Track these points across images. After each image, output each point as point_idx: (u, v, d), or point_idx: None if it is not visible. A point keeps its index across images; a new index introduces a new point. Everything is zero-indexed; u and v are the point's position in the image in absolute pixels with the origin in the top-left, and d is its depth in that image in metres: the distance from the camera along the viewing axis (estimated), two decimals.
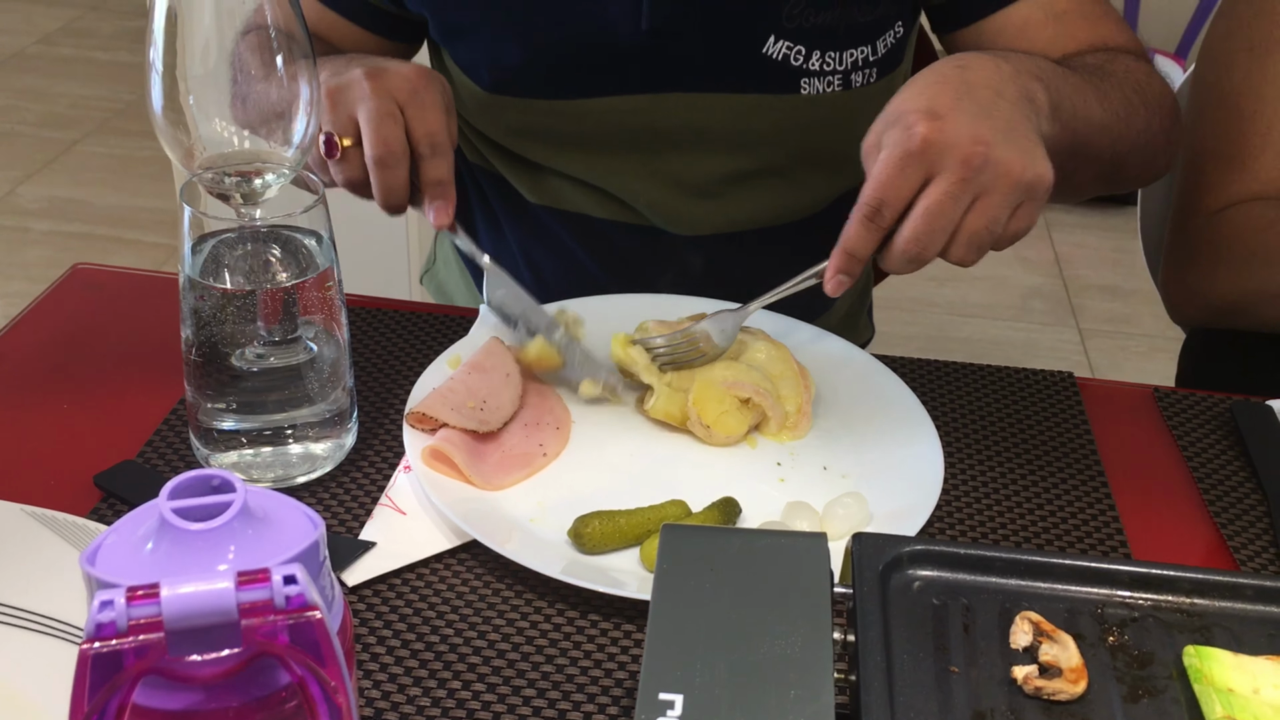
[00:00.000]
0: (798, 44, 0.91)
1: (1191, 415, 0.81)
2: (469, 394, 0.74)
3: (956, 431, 0.78)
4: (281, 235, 0.69)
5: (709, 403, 0.75)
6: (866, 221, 0.68)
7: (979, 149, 0.66)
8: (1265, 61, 0.98)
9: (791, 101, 0.93)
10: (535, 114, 0.96)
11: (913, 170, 0.66)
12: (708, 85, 0.93)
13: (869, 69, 0.93)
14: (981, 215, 0.67)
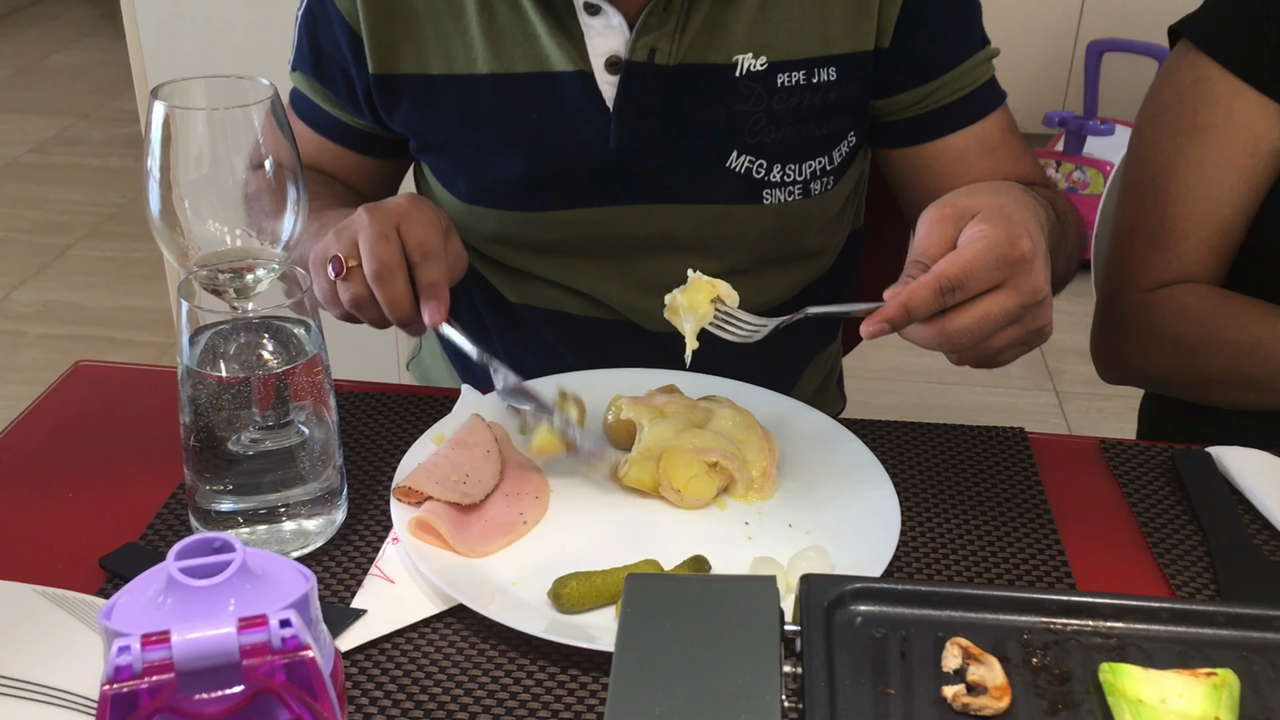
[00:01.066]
0: (759, 158, 0.97)
1: (1136, 465, 0.86)
2: (452, 468, 0.79)
3: (915, 487, 0.83)
4: (272, 325, 0.74)
5: (679, 468, 0.80)
6: (940, 294, 0.71)
7: (1043, 287, 0.73)
8: (1187, 148, 1.04)
9: (754, 210, 0.99)
10: (511, 224, 1.02)
11: (999, 273, 0.71)
12: (675, 197, 0.99)
13: (827, 177, 1.00)
14: (1008, 339, 0.74)
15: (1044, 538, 0.78)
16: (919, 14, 0.96)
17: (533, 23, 0.95)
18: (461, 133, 0.99)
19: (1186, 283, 1.05)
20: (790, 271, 1.07)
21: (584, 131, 0.96)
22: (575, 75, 0.95)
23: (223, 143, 0.71)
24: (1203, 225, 1.04)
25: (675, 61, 0.94)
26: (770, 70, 0.95)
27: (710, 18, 0.94)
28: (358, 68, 0.99)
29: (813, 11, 0.94)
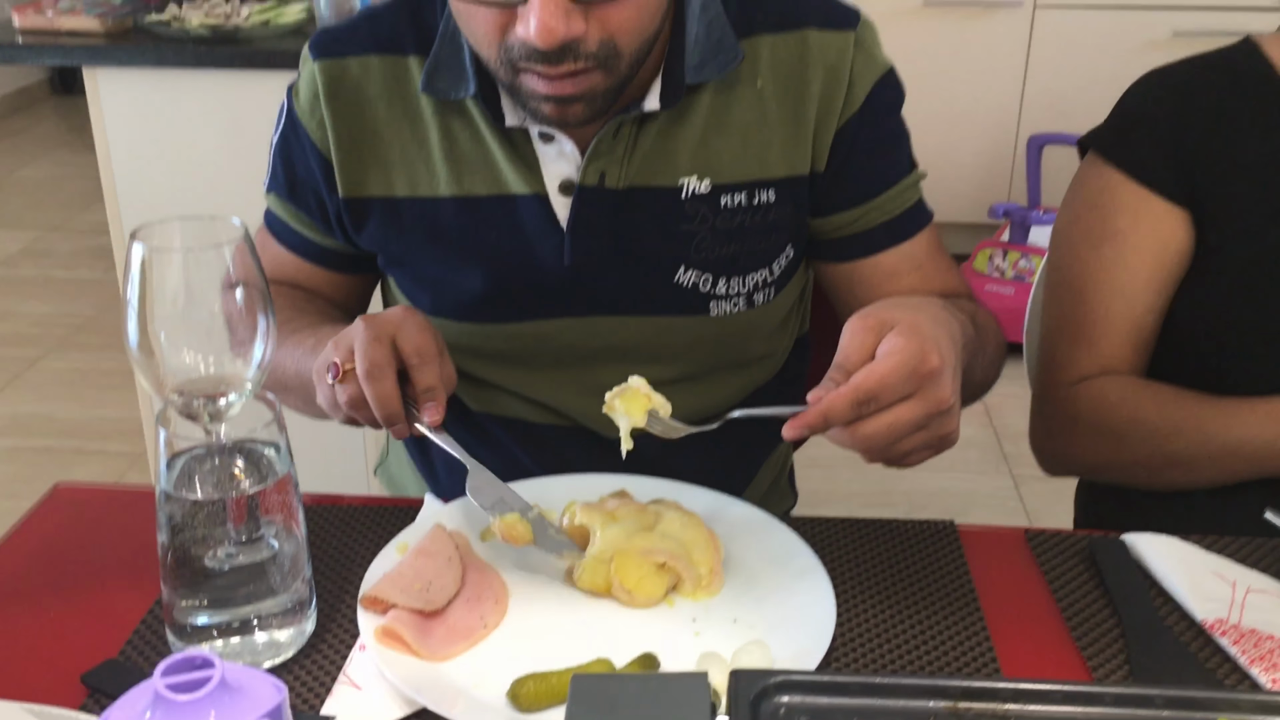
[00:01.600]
0: (705, 272, 1.04)
1: (1058, 552, 0.92)
2: (416, 577, 0.84)
3: (852, 579, 0.88)
4: (244, 448, 0.79)
5: (629, 570, 0.85)
6: (856, 404, 0.78)
7: (949, 399, 0.80)
8: (1100, 251, 1.12)
9: (702, 321, 1.06)
10: (472, 336, 1.08)
11: (910, 385, 0.78)
12: (627, 310, 1.06)
13: (769, 288, 1.07)
14: (916, 443, 0.81)
15: (972, 624, 0.83)
16: (851, 142, 1.04)
17: (492, 149, 1.02)
18: (425, 250, 1.06)
19: (1107, 375, 1.12)
20: (739, 376, 1.14)
21: (540, 249, 1.03)
22: (531, 198, 1.02)
23: (197, 280, 0.77)
24: (1120, 322, 1.12)
25: (624, 185, 1.02)
26: (714, 192, 1.02)
27: (657, 144, 1.01)
28: (329, 190, 1.07)
29: (752, 138, 1.02)
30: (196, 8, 2.10)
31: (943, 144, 3.57)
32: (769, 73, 1.02)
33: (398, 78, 1.04)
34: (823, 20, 1.04)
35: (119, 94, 2.04)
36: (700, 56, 1.00)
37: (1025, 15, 3.42)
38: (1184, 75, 1.13)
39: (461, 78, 1.01)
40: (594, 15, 0.88)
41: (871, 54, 1.06)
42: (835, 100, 1.03)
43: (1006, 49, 3.47)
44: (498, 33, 0.90)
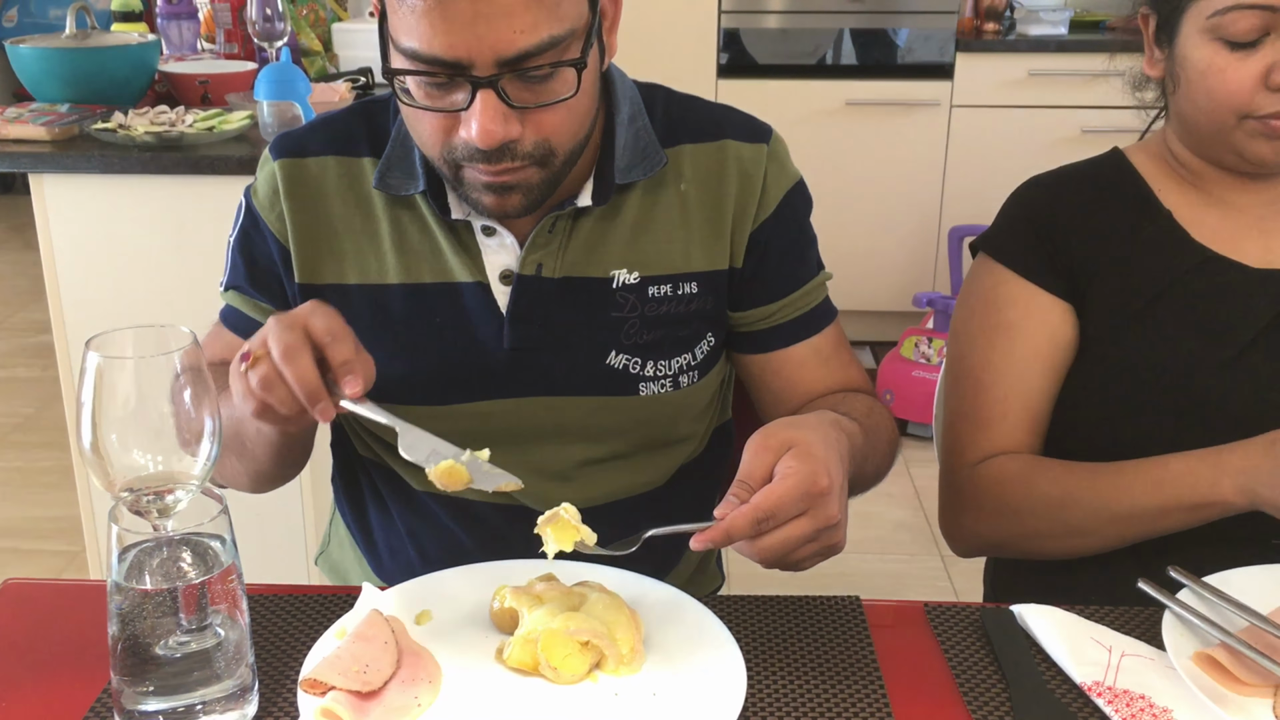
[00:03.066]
0: (634, 356, 1.14)
1: (953, 624, 0.99)
2: (353, 660, 0.89)
3: (763, 654, 0.94)
4: (191, 540, 0.85)
5: (555, 648, 0.91)
6: (755, 523, 0.88)
7: (837, 517, 0.90)
8: (994, 341, 1.22)
9: (632, 402, 1.15)
10: (415, 417, 1.13)
11: (803, 504, 0.88)
12: (562, 390, 1.14)
13: (693, 372, 1.17)
14: (807, 553, 0.91)
15: (872, 693, 0.90)
16: (765, 244, 1.16)
17: (438, 240, 1.12)
18: (373, 334, 1.10)
19: (1005, 455, 1.21)
20: (665, 455, 1.22)
21: (481, 334, 1.12)
22: (474, 285, 1.12)
23: (148, 384, 0.83)
24: (1015, 406, 1.21)
25: (560, 275, 1.11)
26: (642, 283, 1.13)
27: (590, 238, 1.12)
28: (287, 277, 1.15)
29: (676, 235, 1.13)
30: (142, 116, 2.16)
31: (869, 236, 3.72)
32: (691, 177, 1.14)
33: (352, 176, 1.14)
34: (740, 133, 1.16)
35: (64, 199, 2.09)
36: (629, 160, 1.11)
37: (943, 114, 3.60)
38: (1060, 181, 1.25)
39: (411, 176, 1.11)
40: (529, 119, 0.98)
41: (783, 165, 1.18)
42: (750, 204, 1.15)
43: (926, 146, 3.64)
44: (442, 135, 1.00)
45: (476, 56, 0.94)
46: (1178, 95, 1.16)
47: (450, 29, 0.93)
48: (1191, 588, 0.97)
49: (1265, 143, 1.11)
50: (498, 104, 0.95)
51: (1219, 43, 1.10)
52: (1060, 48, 3.56)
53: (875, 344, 3.82)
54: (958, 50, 3.54)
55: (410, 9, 0.94)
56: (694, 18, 3.58)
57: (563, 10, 0.95)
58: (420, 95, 0.99)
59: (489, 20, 0.92)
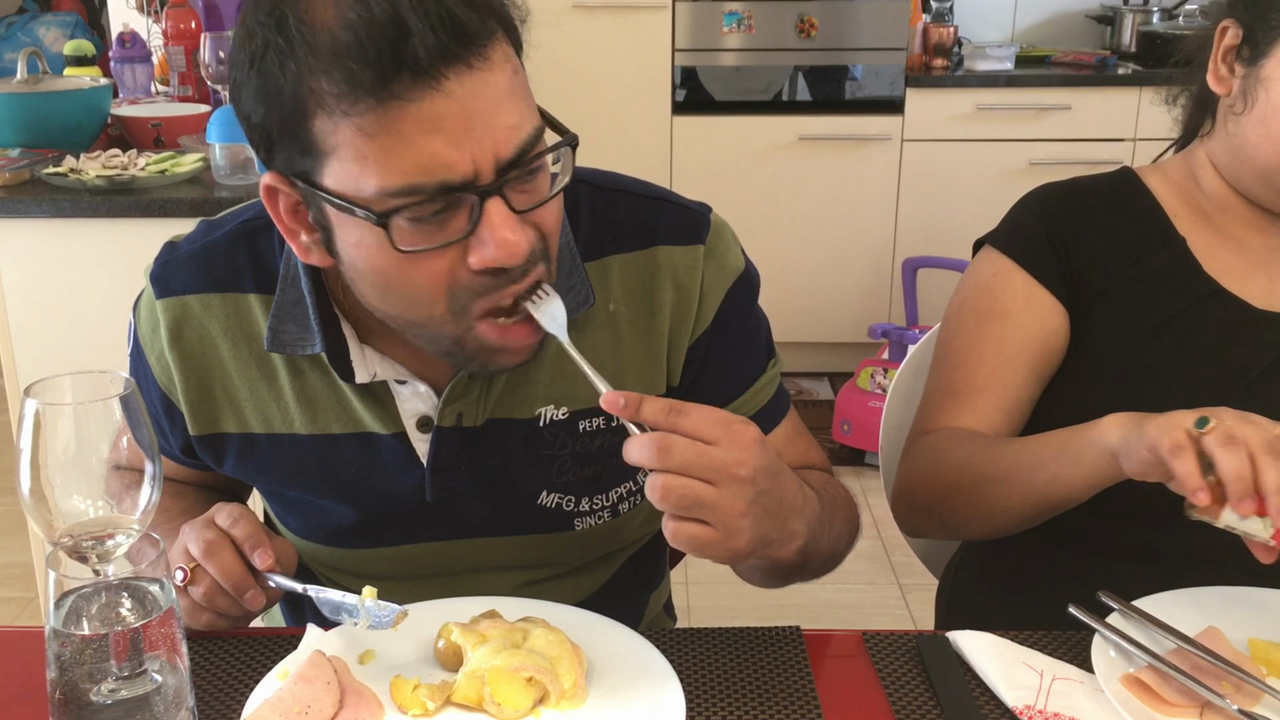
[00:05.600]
0: (568, 494, 1.08)
1: (890, 651, 1.00)
2: (295, 700, 0.89)
3: (704, 685, 0.96)
4: (130, 585, 0.85)
5: (500, 684, 0.92)
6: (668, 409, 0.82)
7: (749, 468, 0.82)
8: (988, 326, 1.21)
9: (568, 536, 1.10)
10: (343, 558, 1.13)
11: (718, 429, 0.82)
12: (492, 533, 1.09)
13: (634, 497, 1.11)
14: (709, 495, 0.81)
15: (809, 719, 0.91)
16: (705, 356, 1.06)
17: (345, 394, 1.03)
18: (288, 481, 1.09)
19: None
20: (611, 563, 1.19)
21: (401, 485, 1.06)
22: (390, 437, 1.04)
23: (86, 430, 0.84)
24: (994, 389, 1.20)
25: (482, 421, 1.04)
26: (572, 418, 1.05)
27: (512, 380, 1.03)
28: (173, 429, 1.08)
29: (607, 362, 1.03)
30: (94, 160, 2.17)
31: (824, 269, 3.76)
32: (620, 294, 1.03)
33: (240, 316, 1.03)
34: (672, 236, 1.04)
35: (15, 243, 2.09)
36: None
37: (894, 148, 3.66)
38: (1077, 192, 1.25)
39: (307, 332, 1.00)
40: (526, 224, 0.87)
41: (723, 262, 1.06)
42: (687, 317, 1.04)
43: (879, 180, 3.69)
44: (445, 279, 0.87)
45: (481, 165, 0.83)
46: (1246, 119, 1.14)
47: (450, 141, 0.81)
48: (1121, 611, 0.99)
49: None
50: (508, 212, 0.85)
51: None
52: (1007, 82, 3.63)
53: (832, 375, 3.86)
54: (907, 85, 3.60)
55: (392, 138, 0.81)
56: (649, 56, 3.62)
57: (530, 101, 0.88)
58: (414, 240, 0.84)
59: (484, 121, 0.82)
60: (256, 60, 0.84)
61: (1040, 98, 3.57)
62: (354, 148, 0.82)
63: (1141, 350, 1.18)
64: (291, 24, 0.82)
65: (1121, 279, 1.20)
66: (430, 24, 0.79)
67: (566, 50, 3.54)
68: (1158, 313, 1.18)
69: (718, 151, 3.64)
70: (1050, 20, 4.06)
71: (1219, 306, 1.19)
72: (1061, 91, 3.56)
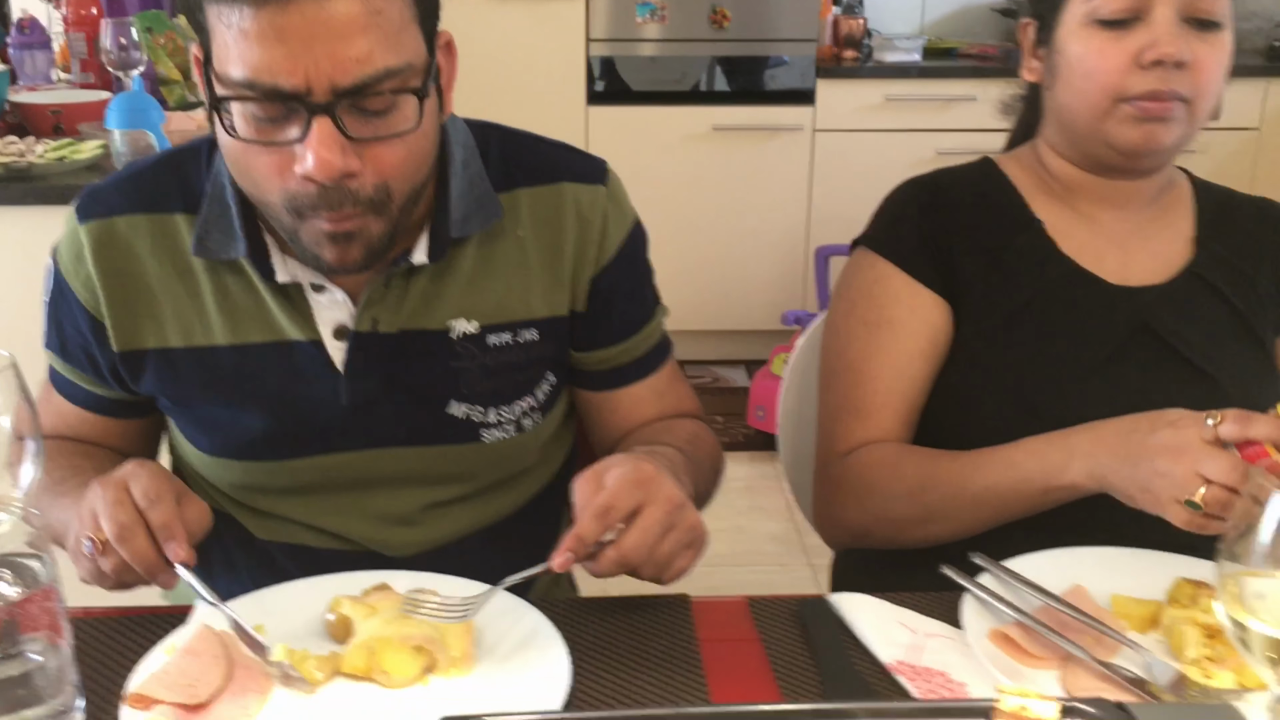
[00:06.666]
0: (476, 405, 1.14)
1: (774, 615, 1.04)
2: (181, 674, 0.90)
3: (594, 650, 0.98)
4: (10, 561, 0.85)
5: (388, 653, 0.93)
6: (599, 519, 0.92)
7: (678, 495, 0.94)
8: (877, 335, 1.25)
9: (475, 448, 1.15)
10: (254, 473, 1.14)
11: (639, 492, 0.93)
12: (403, 441, 1.13)
13: (535, 414, 1.17)
14: (673, 544, 0.94)
15: (692, 680, 0.94)
16: (607, 289, 1.16)
17: (266, 300, 1.09)
18: (203, 395, 1.11)
19: (876, 443, 1.24)
20: (513, 490, 1.22)
21: (317, 391, 1.10)
22: (307, 344, 1.09)
23: None
24: (894, 398, 1.25)
25: (397, 329, 1.10)
26: (482, 333, 1.12)
27: (426, 292, 1.10)
28: (101, 348, 1.11)
29: (515, 283, 1.12)
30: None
31: (738, 258, 3.80)
32: (529, 223, 1.13)
33: (166, 234, 1.09)
34: (576, 174, 1.15)
35: None
36: (464, 212, 1.09)
37: (806, 138, 3.71)
38: (939, 183, 1.30)
39: (231, 238, 1.06)
40: (368, 156, 0.96)
41: (622, 206, 1.18)
42: (590, 249, 1.14)
43: (792, 169, 3.74)
44: (277, 176, 0.96)
45: (313, 83, 0.91)
46: (1056, 90, 1.22)
47: (286, 51, 0.90)
48: (992, 571, 1.03)
49: (1135, 127, 1.18)
50: (335, 133, 0.93)
51: (1095, 25, 1.17)
52: (916, 74, 3.71)
53: (748, 362, 3.91)
54: (818, 77, 3.66)
55: (241, 32, 0.91)
56: (563, 46, 3.63)
57: (401, 42, 0.94)
58: (251, 130, 0.95)
59: (325, 42, 0.90)
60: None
61: (947, 89, 3.65)
62: (220, 35, 0.93)
63: (1009, 330, 1.23)
64: None
65: (987, 264, 1.25)
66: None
67: (481, 40, 3.54)
68: (1021, 294, 1.24)
69: (633, 142, 3.67)
70: (957, 13, 4.15)
71: (1077, 284, 1.24)
72: (968, 83, 3.64)
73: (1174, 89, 1.15)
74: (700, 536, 0.97)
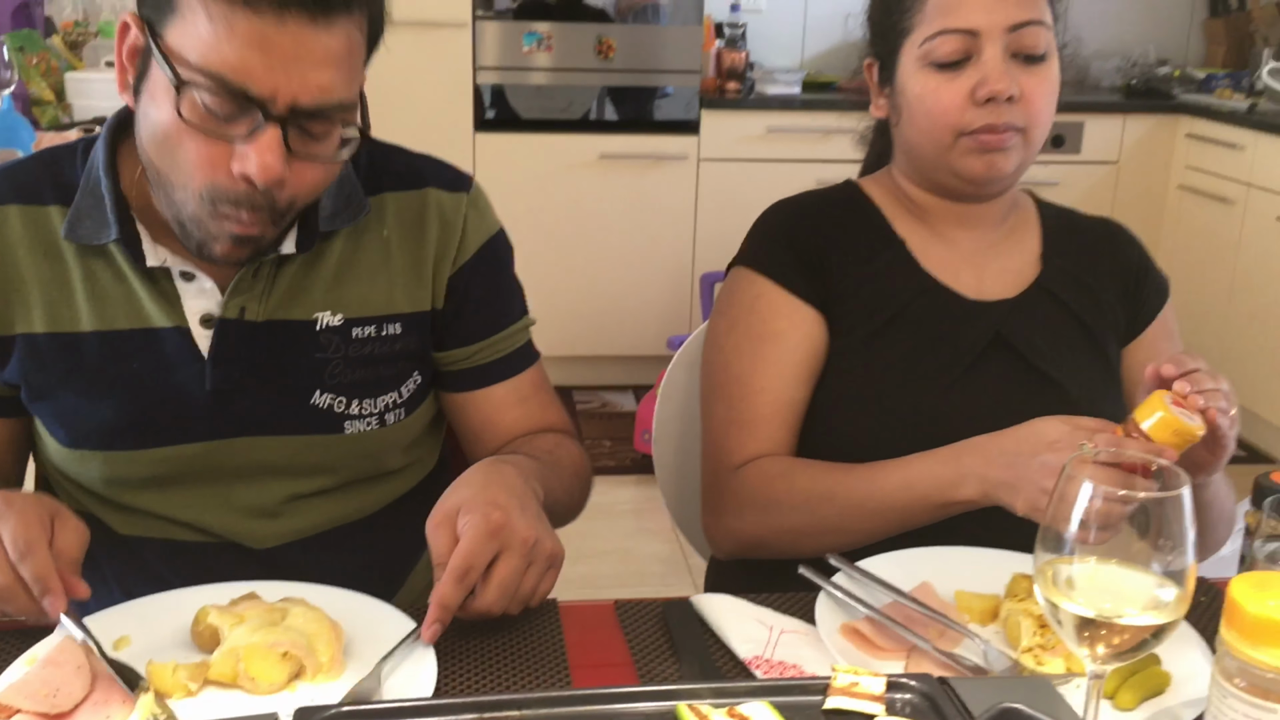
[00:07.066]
0: (339, 395, 1.17)
1: (640, 617, 1.07)
2: (42, 684, 0.89)
3: (462, 654, 1.00)
4: None
5: (254, 659, 0.94)
6: (457, 581, 0.96)
7: (532, 534, 0.98)
8: (761, 349, 1.29)
9: (337, 439, 1.18)
10: (115, 463, 1.15)
11: (491, 544, 0.96)
12: (266, 431, 1.16)
13: (399, 409, 1.21)
14: (533, 579, 0.99)
15: (557, 678, 0.97)
16: (465, 287, 1.21)
17: (134, 287, 1.12)
18: (66, 383, 1.12)
19: (766, 456, 1.27)
20: (376, 488, 1.25)
21: (181, 377, 1.13)
22: (173, 330, 1.12)
23: None
24: (779, 411, 1.29)
25: (263, 318, 1.13)
26: (346, 325, 1.16)
27: (294, 282, 1.14)
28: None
29: (380, 278, 1.17)
30: None
31: (624, 284, 3.86)
32: (394, 223, 1.19)
33: (38, 224, 1.12)
34: (442, 183, 1.22)
35: None
36: (333, 208, 1.14)
37: (691, 167, 3.79)
38: (806, 204, 1.37)
39: (103, 225, 1.09)
40: (295, 169, 1.00)
41: (484, 214, 1.24)
42: (450, 249, 1.20)
43: (677, 197, 3.82)
44: (209, 167, 0.99)
45: (279, 95, 0.96)
46: (901, 126, 1.30)
47: (267, 60, 0.95)
48: (845, 571, 1.08)
49: (978, 158, 1.25)
50: (280, 144, 0.98)
51: (931, 68, 1.24)
52: (796, 106, 3.82)
53: (635, 387, 3.96)
54: (703, 107, 3.74)
55: (228, 27, 0.94)
56: (450, 74, 3.66)
57: (356, 79, 1.02)
58: (198, 117, 0.98)
59: (303, 65, 0.96)
60: None
61: (826, 121, 3.76)
62: (197, 20, 0.96)
63: (876, 344, 1.29)
64: None
65: (855, 280, 1.31)
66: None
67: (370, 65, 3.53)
68: (886, 308, 1.30)
69: (521, 169, 3.70)
70: (836, 49, 4.29)
71: (936, 299, 1.31)
72: (846, 115, 3.70)
73: (1009, 121, 1.23)
74: (558, 559, 1.02)
